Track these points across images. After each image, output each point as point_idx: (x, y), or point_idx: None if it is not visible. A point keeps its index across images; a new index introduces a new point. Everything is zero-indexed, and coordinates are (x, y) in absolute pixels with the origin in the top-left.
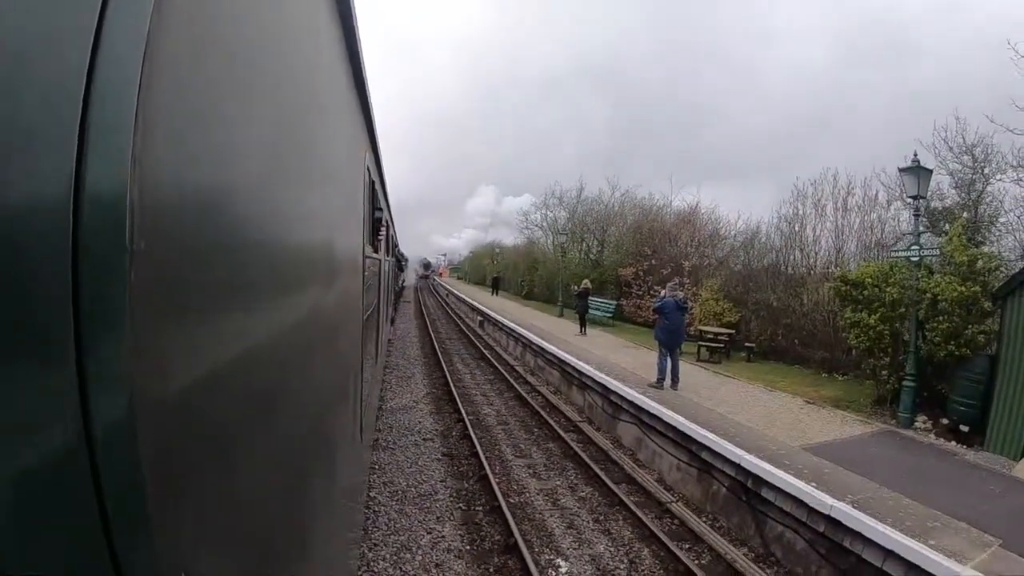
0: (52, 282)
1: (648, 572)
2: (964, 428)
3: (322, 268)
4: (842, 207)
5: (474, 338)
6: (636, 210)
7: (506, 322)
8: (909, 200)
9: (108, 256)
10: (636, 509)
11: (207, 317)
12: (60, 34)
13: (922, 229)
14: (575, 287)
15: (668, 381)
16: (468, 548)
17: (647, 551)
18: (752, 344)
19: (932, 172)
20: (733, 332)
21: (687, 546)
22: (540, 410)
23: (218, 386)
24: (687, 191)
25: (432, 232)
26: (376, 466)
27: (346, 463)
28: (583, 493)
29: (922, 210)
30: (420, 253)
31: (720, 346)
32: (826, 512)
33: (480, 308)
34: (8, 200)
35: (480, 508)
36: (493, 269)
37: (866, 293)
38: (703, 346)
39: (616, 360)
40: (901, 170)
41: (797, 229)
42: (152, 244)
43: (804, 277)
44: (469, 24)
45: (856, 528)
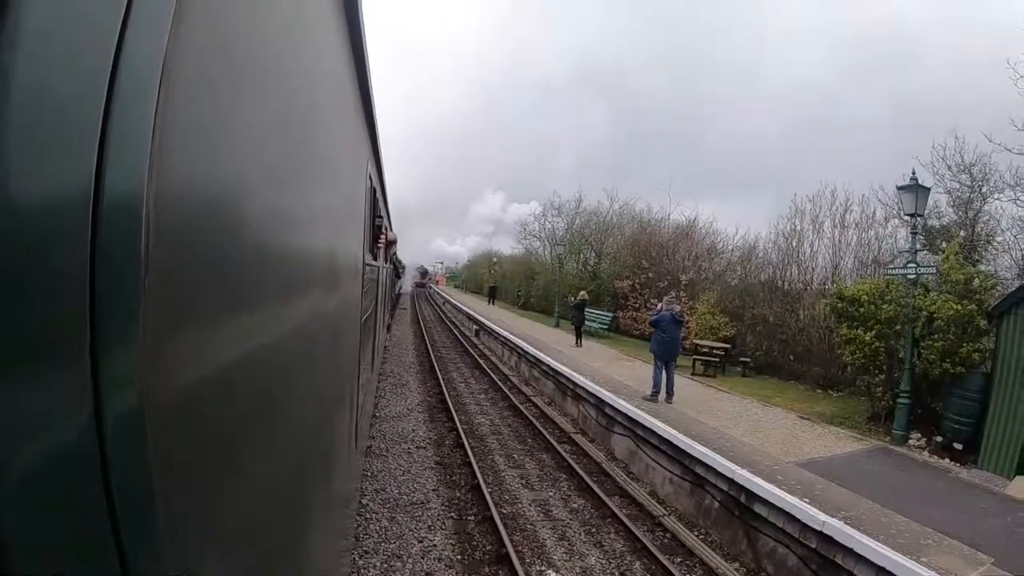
0: (71, 289)
1: None
2: (958, 446)
3: (324, 275)
4: (839, 224)
5: (469, 347)
6: (634, 223)
7: (502, 332)
8: (907, 218)
9: (124, 266)
10: (628, 522)
11: (215, 323)
12: (79, 50)
13: (919, 247)
14: (571, 298)
15: (663, 394)
16: (459, 558)
17: (639, 564)
18: (747, 359)
19: (930, 190)
20: (729, 346)
21: (679, 560)
22: (534, 420)
23: (224, 390)
24: (686, 204)
25: (434, 237)
26: (368, 473)
27: (341, 469)
28: (576, 504)
29: (919, 228)
30: (422, 258)
31: (715, 360)
32: (818, 528)
33: (476, 317)
34: (31, 210)
35: (472, 518)
36: (490, 278)
37: (862, 310)
38: (698, 360)
39: (611, 372)
40: (899, 188)
41: (794, 245)
42: (165, 254)
43: (800, 293)
44: (470, 31)
45: (848, 544)
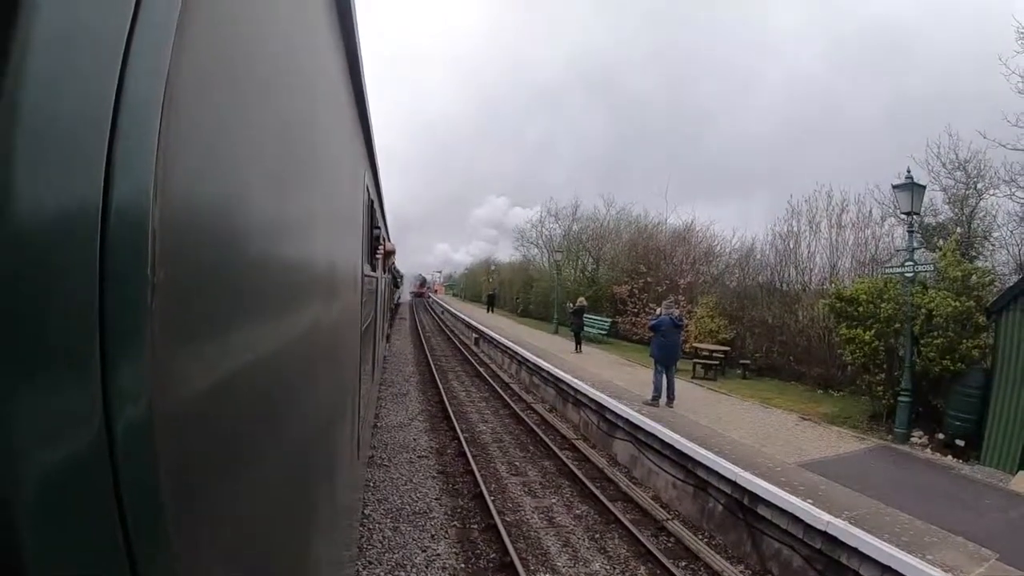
0: (80, 299)
1: None
2: (960, 442)
3: (324, 287)
4: (836, 224)
5: (469, 355)
6: (631, 228)
7: (501, 339)
8: (903, 216)
9: (131, 277)
10: (632, 527)
11: (220, 333)
12: (85, 63)
13: (916, 245)
14: (570, 304)
15: (664, 398)
16: (463, 566)
17: (643, 569)
18: (747, 361)
19: (925, 188)
20: (728, 349)
21: (683, 564)
22: (535, 428)
23: (229, 400)
24: (683, 208)
25: (435, 243)
26: (371, 483)
27: (344, 480)
28: (579, 511)
29: (916, 226)
30: (423, 264)
31: (715, 363)
32: (822, 528)
33: (475, 325)
34: (41, 223)
35: (475, 526)
36: (489, 286)
37: (861, 309)
38: (698, 363)
39: (611, 377)
40: (895, 187)
41: (792, 246)
42: (171, 265)
43: (799, 294)
44: (465, 35)
45: (853, 544)
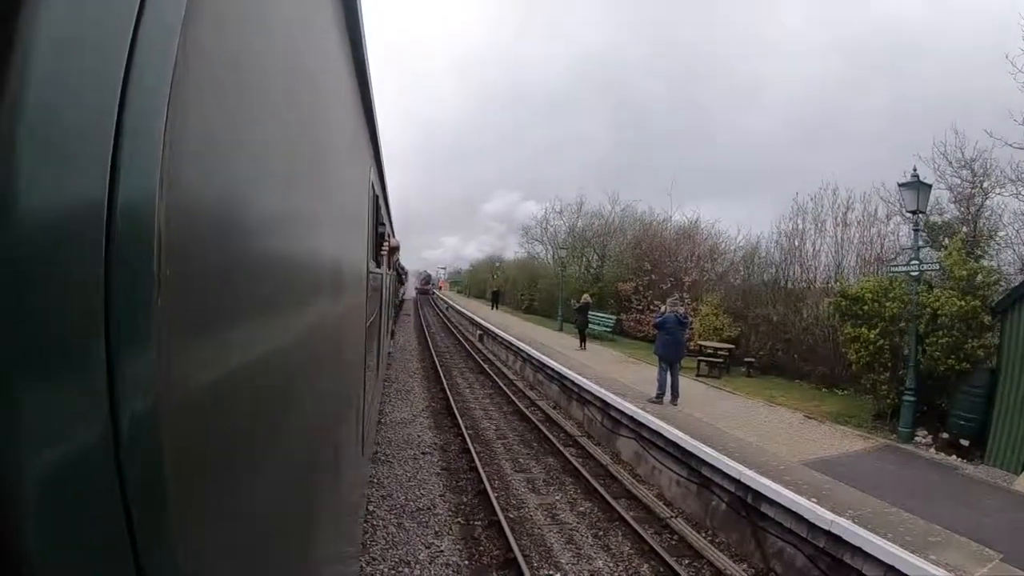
0: (87, 295)
1: None
2: (964, 442)
3: (330, 283)
4: (842, 222)
5: (473, 352)
6: (636, 225)
7: (506, 336)
8: (908, 215)
9: (137, 273)
10: (635, 524)
11: (225, 329)
12: (92, 61)
13: (921, 244)
14: (574, 301)
15: (668, 396)
16: (466, 563)
17: (647, 567)
18: (752, 359)
19: (931, 187)
20: (733, 347)
21: (687, 562)
22: (539, 424)
23: (234, 396)
24: (688, 206)
25: (445, 236)
26: (375, 480)
27: (349, 476)
28: (582, 508)
29: (921, 225)
30: (433, 256)
31: (720, 361)
32: (826, 527)
33: (480, 322)
34: (48, 219)
35: (479, 523)
36: (493, 283)
37: (866, 308)
38: (703, 361)
39: (615, 375)
40: (900, 185)
41: (797, 244)
42: (177, 261)
43: (804, 292)
44: (472, 32)
45: (856, 543)
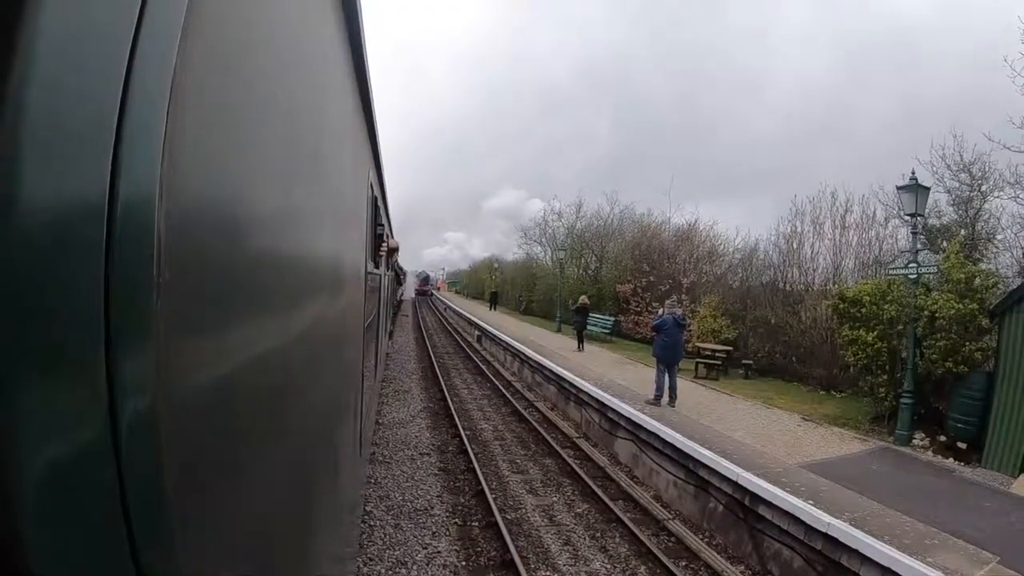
0: (87, 294)
1: None
2: (962, 445)
3: (328, 284)
4: (840, 225)
5: (471, 353)
6: (635, 227)
7: (504, 337)
8: (907, 218)
9: (137, 273)
10: (633, 526)
11: (224, 330)
12: (93, 61)
13: (920, 247)
14: (571, 302)
15: (666, 398)
16: (464, 564)
17: (644, 568)
18: (750, 361)
19: (930, 190)
20: (731, 349)
21: (684, 563)
22: (537, 426)
23: (233, 396)
24: (688, 207)
25: (449, 232)
26: (373, 480)
27: (346, 476)
28: (580, 509)
29: (920, 228)
30: (437, 254)
31: (718, 363)
32: (823, 530)
33: (478, 323)
34: (49, 218)
35: (476, 524)
36: (492, 284)
37: (864, 311)
38: (701, 363)
39: (613, 376)
40: (899, 188)
41: (795, 246)
42: (176, 261)
43: (802, 294)
44: (473, 29)
45: (854, 546)
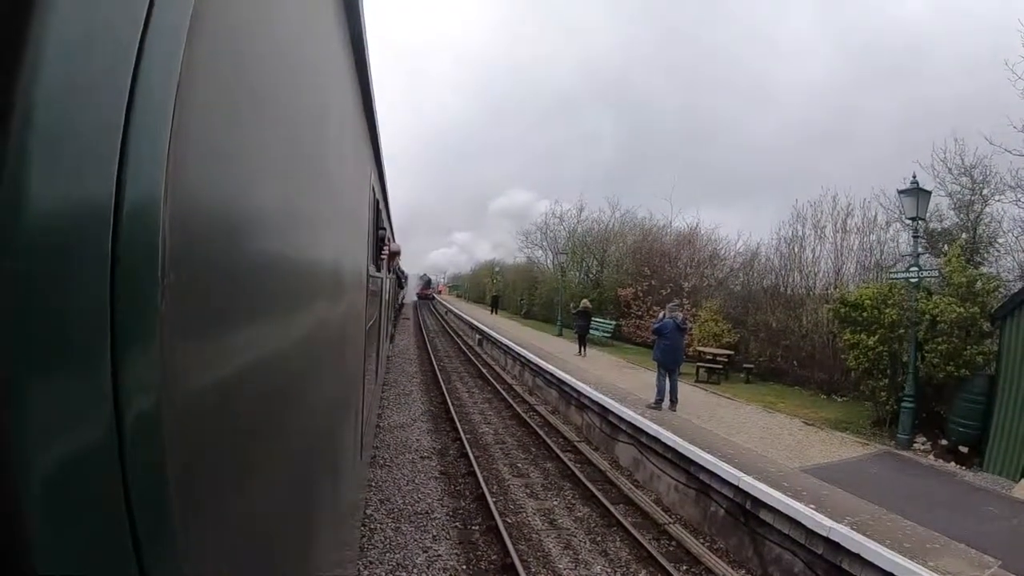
0: (93, 296)
1: None
2: (963, 449)
3: (330, 287)
4: (841, 228)
5: (472, 356)
6: (636, 231)
7: (505, 341)
8: (908, 221)
9: (142, 275)
10: (633, 530)
11: (227, 332)
12: (100, 64)
13: (921, 250)
14: (573, 306)
15: (667, 402)
16: (464, 568)
17: (644, 572)
18: (751, 365)
19: (931, 194)
20: (732, 353)
21: (684, 567)
22: (538, 429)
23: (235, 398)
24: (688, 212)
25: (456, 233)
26: (373, 483)
27: (347, 479)
28: (580, 513)
29: (921, 231)
30: (443, 256)
31: (719, 367)
32: (824, 534)
33: (479, 327)
34: (56, 221)
35: (477, 527)
36: (493, 287)
37: (865, 315)
38: (702, 367)
39: (614, 380)
40: (900, 192)
41: (796, 250)
42: (181, 264)
43: (803, 298)
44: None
45: (855, 550)
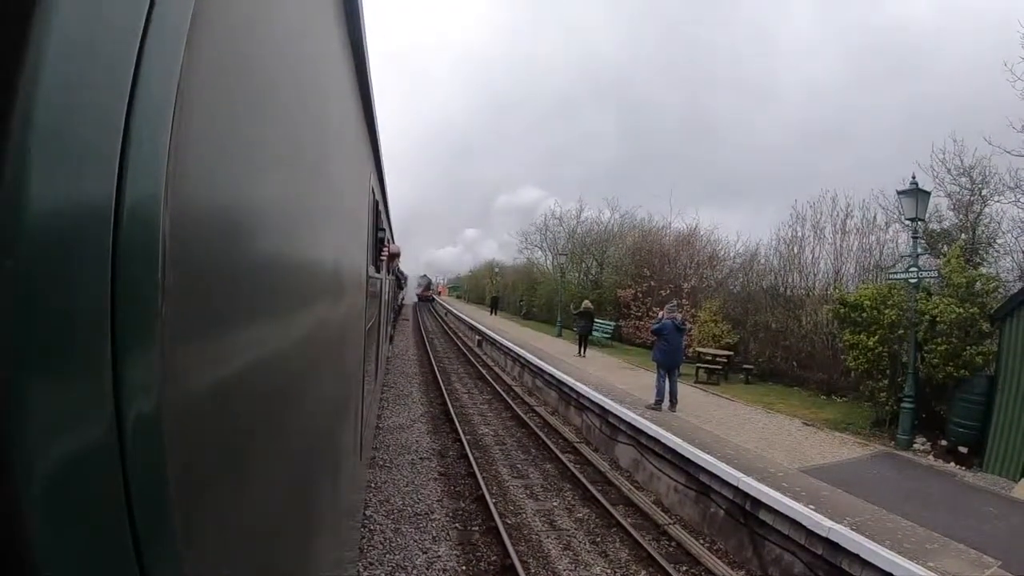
0: (93, 297)
1: None
2: (963, 449)
3: (330, 289)
4: (841, 229)
5: (472, 358)
6: (635, 232)
7: (504, 342)
8: (907, 222)
9: (142, 276)
10: (633, 531)
11: (227, 333)
12: (101, 64)
13: (920, 251)
14: (573, 307)
15: (666, 403)
16: (464, 569)
17: (644, 573)
18: (751, 366)
19: (930, 194)
20: (731, 354)
21: (684, 568)
22: (538, 430)
23: (235, 399)
24: (690, 212)
25: (463, 229)
26: (373, 484)
27: (346, 480)
28: (580, 514)
29: (920, 232)
30: (449, 255)
31: (718, 368)
32: (824, 534)
33: (479, 328)
34: (56, 222)
35: (476, 528)
36: (492, 288)
37: (865, 315)
38: (701, 368)
39: (614, 381)
40: (899, 192)
41: (796, 251)
42: (181, 266)
43: (803, 299)
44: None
45: (854, 550)
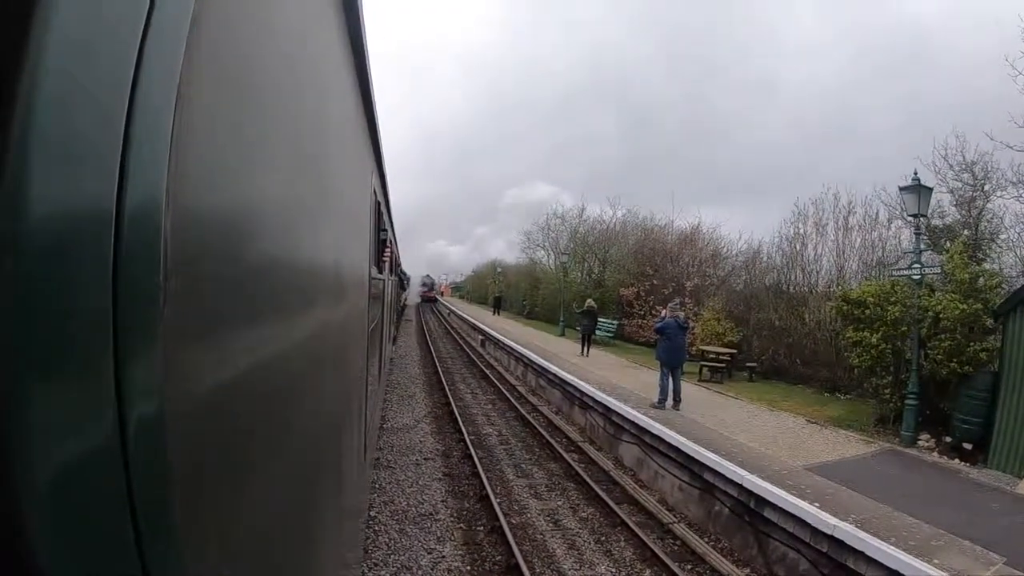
0: (95, 299)
1: None
2: (967, 446)
3: (332, 290)
4: (843, 226)
5: (475, 357)
6: (638, 230)
7: (507, 342)
8: (910, 218)
9: (144, 278)
10: (638, 530)
11: (229, 335)
12: (102, 65)
13: (923, 247)
14: (575, 306)
15: (670, 401)
16: (469, 569)
17: (649, 572)
18: (754, 364)
19: (932, 190)
20: (735, 352)
21: (689, 567)
22: (541, 430)
23: (238, 401)
24: (692, 211)
25: (474, 228)
26: (377, 485)
27: (351, 481)
28: (584, 513)
29: (923, 228)
30: (455, 251)
31: (722, 366)
32: (829, 532)
33: (482, 327)
34: (58, 225)
35: (481, 528)
36: (495, 288)
37: (868, 312)
38: (705, 366)
39: (617, 380)
40: (902, 189)
41: (798, 248)
42: (183, 267)
43: (806, 296)
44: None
45: (859, 548)
